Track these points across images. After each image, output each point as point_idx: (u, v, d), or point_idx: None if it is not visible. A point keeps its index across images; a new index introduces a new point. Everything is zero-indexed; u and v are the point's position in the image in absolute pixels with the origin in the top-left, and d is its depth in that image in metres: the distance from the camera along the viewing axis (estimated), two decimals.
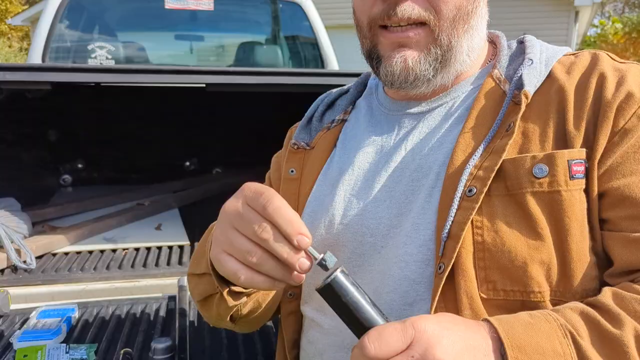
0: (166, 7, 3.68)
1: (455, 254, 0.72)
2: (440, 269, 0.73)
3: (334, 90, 1.10)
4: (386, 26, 0.82)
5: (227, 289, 0.80)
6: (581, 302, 0.69)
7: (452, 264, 0.72)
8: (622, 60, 0.81)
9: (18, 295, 1.79)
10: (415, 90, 0.85)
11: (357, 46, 0.90)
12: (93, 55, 3.64)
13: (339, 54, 4.04)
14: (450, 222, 0.73)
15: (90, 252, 2.16)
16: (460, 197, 0.74)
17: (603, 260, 0.73)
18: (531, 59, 0.82)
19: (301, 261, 0.64)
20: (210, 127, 3.30)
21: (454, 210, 0.73)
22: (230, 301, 0.81)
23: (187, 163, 3.58)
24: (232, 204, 0.67)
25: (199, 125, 3.31)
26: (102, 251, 2.18)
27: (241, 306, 0.86)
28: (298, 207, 0.95)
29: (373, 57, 0.86)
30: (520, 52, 0.87)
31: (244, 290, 0.81)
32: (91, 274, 1.94)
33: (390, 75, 0.83)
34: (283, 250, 0.63)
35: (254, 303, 0.87)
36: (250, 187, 0.66)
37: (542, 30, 10.16)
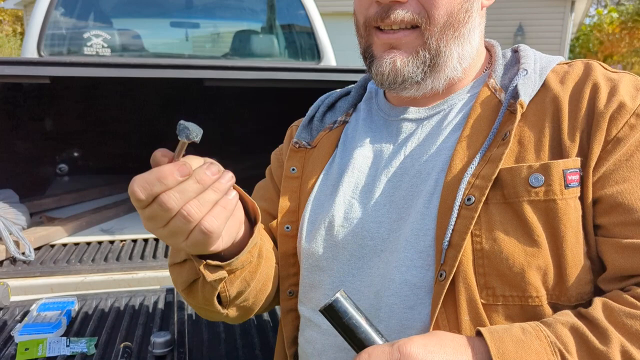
0: None
1: (457, 262, 0.75)
2: (441, 276, 0.76)
3: (335, 91, 1.12)
4: (380, 28, 0.85)
5: (204, 262, 0.76)
6: (575, 308, 0.72)
7: (453, 272, 0.75)
8: (614, 70, 0.83)
9: (17, 287, 1.81)
10: (405, 92, 0.88)
11: (353, 34, 0.93)
12: (89, 44, 3.63)
13: (334, 41, 4.04)
14: (450, 231, 0.76)
15: (88, 243, 2.18)
16: (459, 206, 0.76)
17: (597, 264, 0.76)
18: (526, 69, 0.84)
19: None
20: (207, 116, 3.31)
21: (454, 219, 0.76)
22: (209, 275, 0.77)
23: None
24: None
25: (195, 113, 3.32)
26: (100, 242, 2.19)
27: (228, 286, 0.83)
28: (300, 204, 0.98)
29: (367, 56, 0.89)
30: (514, 62, 0.90)
31: (220, 263, 0.77)
32: (89, 266, 1.96)
33: (380, 75, 0.86)
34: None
35: (241, 282, 0.84)
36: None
37: (539, 20, 10.16)
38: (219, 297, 0.87)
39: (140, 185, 0.62)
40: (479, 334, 0.68)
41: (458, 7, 0.83)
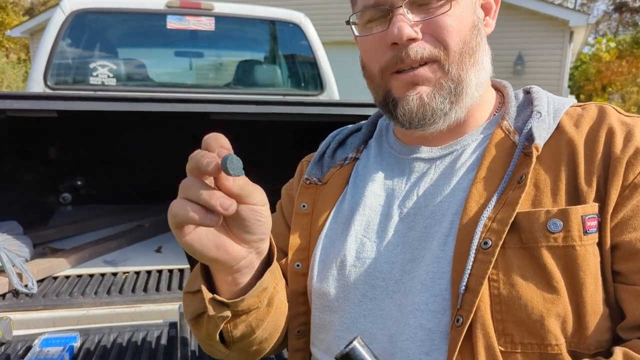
0: (168, 27, 3.72)
1: (475, 307, 0.74)
2: (458, 321, 0.75)
3: (346, 127, 1.12)
4: (398, 70, 0.85)
5: (211, 295, 0.78)
6: (594, 356, 0.72)
7: (471, 317, 0.74)
8: (628, 114, 0.84)
9: (20, 320, 1.79)
10: (433, 127, 0.87)
11: (355, 62, 0.93)
12: (95, 74, 3.67)
13: (336, 69, 4.09)
14: (467, 275, 0.75)
15: (91, 275, 2.17)
16: (475, 250, 0.76)
17: (616, 311, 0.75)
18: (539, 112, 0.84)
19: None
20: None
21: (471, 263, 0.75)
22: (211, 310, 0.77)
23: None
24: None
25: (198, 142, 3.33)
26: (102, 275, 2.18)
27: (231, 327, 0.83)
28: (310, 241, 0.97)
29: (389, 101, 0.88)
30: (527, 103, 0.90)
31: (226, 301, 0.78)
32: (92, 299, 1.94)
33: (408, 114, 0.85)
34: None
35: (246, 326, 0.84)
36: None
37: (539, 50, 10.28)
38: (223, 336, 0.86)
39: None
40: None
41: (469, 34, 0.84)
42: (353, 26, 0.89)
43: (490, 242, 0.75)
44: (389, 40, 0.82)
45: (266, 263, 0.81)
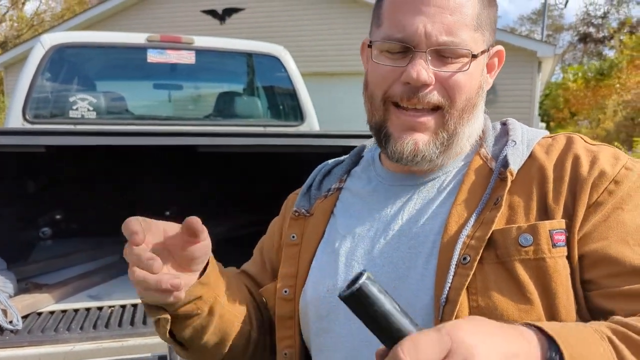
0: (149, 61, 3.75)
1: (454, 317, 0.78)
2: None
3: (331, 160, 1.17)
4: (401, 105, 0.90)
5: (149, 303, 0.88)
6: None
7: None
8: (593, 143, 0.92)
9: (5, 357, 1.77)
10: (418, 167, 0.94)
11: (332, 93, 0.96)
12: (74, 107, 3.67)
13: (315, 100, 4.14)
14: (447, 288, 0.81)
15: (76, 310, 2.15)
16: (455, 265, 0.81)
17: (586, 322, 0.79)
18: (514, 141, 0.92)
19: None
20: (190, 176, 3.33)
21: (451, 277, 0.81)
22: (149, 312, 0.89)
23: (167, 212, 3.58)
24: None
25: (183, 174, 3.34)
26: (87, 309, 2.16)
27: (180, 329, 0.92)
28: (298, 269, 1.01)
29: (382, 132, 0.93)
30: (504, 134, 0.97)
31: (162, 305, 0.87)
32: (78, 334, 1.92)
33: (399, 153, 0.91)
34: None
35: (193, 330, 0.93)
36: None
37: (510, 79, 10.56)
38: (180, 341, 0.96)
39: None
40: (527, 325, 0.67)
41: (475, 93, 0.91)
42: (373, 49, 0.92)
43: (469, 258, 0.81)
44: (404, 78, 0.87)
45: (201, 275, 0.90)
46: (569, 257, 0.80)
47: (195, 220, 0.79)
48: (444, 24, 0.85)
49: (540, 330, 0.65)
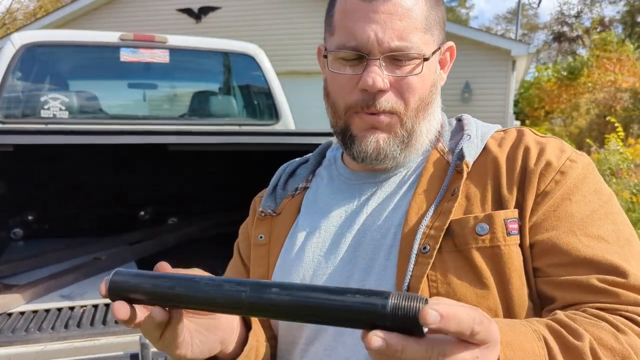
0: (122, 60, 3.73)
1: None
2: None
3: (295, 160, 1.20)
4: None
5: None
6: None
7: None
8: (542, 135, 0.96)
9: None
10: (382, 165, 0.98)
11: (308, 91, 0.99)
12: (46, 107, 3.63)
13: (291, 99, 4.16)
14: (409, 277, 0.85)
15: (47, 310, 2.14)
16: (416, 254, 0.86)
17: (538, 306, 0.85)
18: (469, 135, 0.97)
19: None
20: (165, 176, 3.33)
21: (412, 266, 0.85)
22: None
23: (142, 212, 3.57)
24: None
25: (155, 173, 3.33)
26: (59, 309, 2.15)
27: None
28: (268, 269, 1.03)
29: (347, 135, 0.97)
30: (459, 129, 1.02)
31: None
32: (49, 334, 1.92)
33: (363, 153, 0.95)
34: None
35: None
36: None
37: (485, 78, 10.72)
38: None
39: None
40: None
41: (428, 92, 0.95)
42: (329, 57, 0.95)
43: (429, 247, 0.85)
44: (361, 85, 0.91)
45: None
46: (522, 245, 0.85)
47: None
48: (394, 29, 0.88)
49: None
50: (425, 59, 0.91)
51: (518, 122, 17.13)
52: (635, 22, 26.45)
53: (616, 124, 9.19)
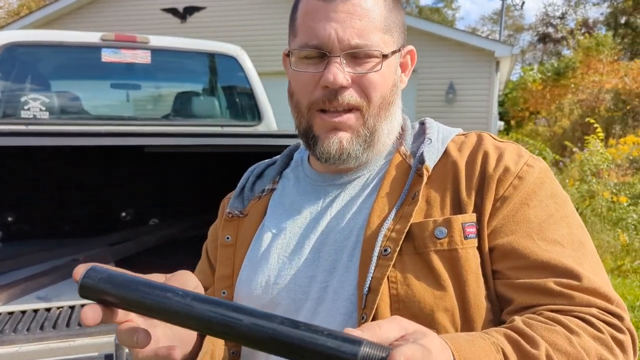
0: (103, 60, 3.71)
1: (376, 305, 0.85)
2: (363, 319, 0.86)
3: (263, 162, 1.21)
4: (324, 110, 0.96)
5: None
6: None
7: (372, 314, 0.85)
8: (501, 140, 0.99)
9: None
10: (345, 165, 0.99)
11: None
12: (26, 107, 3.60)
13: (273, 99, 4.17)
14: (370, 278, 0.87)
15: (23, 312, 2.14)
16: (377, 256, 0.88)
17: (496, 306, 0.88)
18: (430, 139, 0.99)
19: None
20: (146, 177, 3.33)
21: (373, 268, 0.87)
22: None
23: (123, 214, 3.57)
24: None
25: (133, 175, 3.33)
26: (35, 310, 2.15)
27: None
28: (234, 270, 1.05)
29: (309, 136, 0.99)
30: (421, 132, 1.04)
31: None
32: (24, 335, 1.92)
33: (326, 153, 0.96)
34: None
35: None
36: None
37: (469, 79, 10.80)
38: None
39: None
40: None
41: (389, 91, 0.97)
42: (291, 57, 0.98)
43: (390, 249, 0.87)
44: (322, 82, 0.93)
45: None
46: (480, 248, 0.87)
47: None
48: (354, 28, 0.91)
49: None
50: (385, 56, 0.93)
51: (502, 123, 17.27)
52: (619, 24, 26.76)
53: (595, 125, 9.30)
